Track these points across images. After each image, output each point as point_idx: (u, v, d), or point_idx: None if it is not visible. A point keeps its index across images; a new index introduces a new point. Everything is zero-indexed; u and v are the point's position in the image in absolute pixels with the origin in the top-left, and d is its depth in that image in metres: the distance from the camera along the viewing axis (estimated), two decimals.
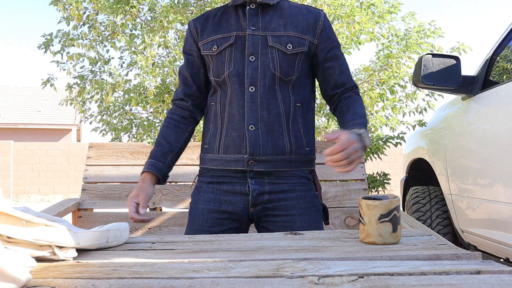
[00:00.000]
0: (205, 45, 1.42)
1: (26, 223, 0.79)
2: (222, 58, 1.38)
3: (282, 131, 1.36)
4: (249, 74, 1.35)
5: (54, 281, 0.73)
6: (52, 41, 4.50)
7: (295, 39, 1.37)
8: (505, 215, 1.86)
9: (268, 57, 1.35)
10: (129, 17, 4.31)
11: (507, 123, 1.84)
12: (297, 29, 1.39)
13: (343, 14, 4.05)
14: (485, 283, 0.68)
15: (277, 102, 1.36)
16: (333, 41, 1.44)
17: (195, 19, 1.48)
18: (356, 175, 2.06)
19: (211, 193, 1.40)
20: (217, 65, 1.39)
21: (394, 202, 0.99)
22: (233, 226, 1.38)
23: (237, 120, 1.36)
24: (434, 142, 2.67)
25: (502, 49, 2.19)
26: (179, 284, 0.70)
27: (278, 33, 1.37)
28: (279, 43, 1.36)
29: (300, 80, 1.41)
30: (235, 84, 1.36)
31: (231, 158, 1.36)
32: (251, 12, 1.39)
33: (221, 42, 1.39)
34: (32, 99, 18.11)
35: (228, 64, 1.37)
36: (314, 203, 1.41)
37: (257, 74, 1.35)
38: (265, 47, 1.36)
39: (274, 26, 1.38)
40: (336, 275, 0.73)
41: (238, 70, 1.36)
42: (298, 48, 1.37)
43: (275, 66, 1.36)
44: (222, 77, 1.38)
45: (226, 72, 1.37)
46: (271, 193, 1.36)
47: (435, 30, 4.18)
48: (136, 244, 1.03)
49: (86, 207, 2.00)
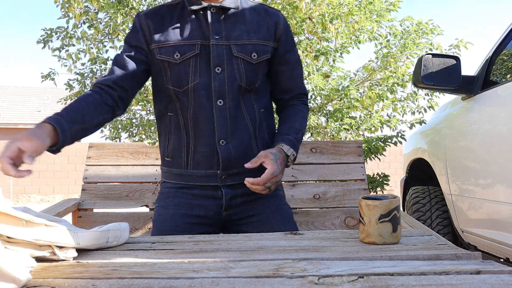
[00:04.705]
0: (162, 49, 1.32)
1: (26, 223, 0.79)
2: (185, 68, 1.31)
3: (250, 140, 1.36)
4: (217, 87, 1.30)
5: (54, 281, 0.73)
6: (51, 36, 4.49)
7: (259, 46, 1.34)
8: (505, 215, 1.86)
9: (234, 68, 1.31)
10: (129, 17, 4.31)
11: (507, 123, 1.84)
12: (260, 35, 1.35)
13: (342, 13, 4.05)
14: (485, 283, 0.68)
15: (243, 112, 1.34)
16: (288, 44, 1.41)
17: (146, 14, 1.36)
18: (356, 175, 2.06)
19: (182, 198, 1.36)
20: (178, 74, 1.31)
21: (394, 202, 0.98)
22: (205, 231, 1.35)
23: (206, 135, 1.31)
24: (434, 142, 2.67)
25: (502, 49, 2.19)
26: (179, 284, 0.70)
27: (242, 42, 1.32)
28: (244, 53, 1.32)
29: (262, 86, 1.40)
30: (201, 97, 1.30)
31: (203, 174, 1.34)
32: (213, 18, 1.32)
33: (184, 50, 1.30)
34: (32, 99, 18.10)
35: (194, 76, 1.30)
36: (283, 201, 1.45)
37: (225, 87, 1.31)
38: (230, 58, 1.31)
39: (237, 34, 1.33)
40: (336, 275, 0.73)
41: (204, 82, 1.30)
42: (262, 56, 1.35)
43: (241, 77, 1.32)
44: (185, 88, 1.31)
45: (191, 84, 1.30)
46: (243, 195, 1.37)
47: (433, 28, 4.18)
48: (136, 244, 1.03)
49: (86, 207, 2.00)
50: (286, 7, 3.97)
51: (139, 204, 2.01)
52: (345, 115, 4.05)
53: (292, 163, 1.36)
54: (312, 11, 3.93)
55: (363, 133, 4.14)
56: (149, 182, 2.05)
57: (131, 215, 1.98)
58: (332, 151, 2.07)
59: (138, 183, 2.05)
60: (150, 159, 2.09)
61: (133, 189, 2.01)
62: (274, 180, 1.26)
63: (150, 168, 2.08)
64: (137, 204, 2.00)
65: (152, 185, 2.04)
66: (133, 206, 1.99)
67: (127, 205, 1.99)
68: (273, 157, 1.27)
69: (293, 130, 1.38)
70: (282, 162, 1.30)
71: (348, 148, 2.10)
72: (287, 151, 1.32)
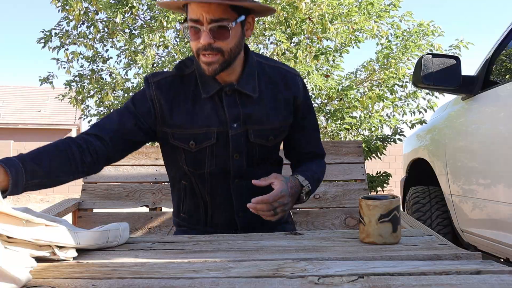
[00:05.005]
0: (176, 135, 1.26)
1: (26, 223, 0.79)
2: (201, 154, 1.27)
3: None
4: (235, 170, 1.29)
5: (54, 281, 0.73)
6: (51, 37, 4.50)
7: (277, 130, 1.31)
8: (505, 215, 1.86)
9: (251, 152, 1.30)
10: (129, 16, 4.31)
11: (507, 123, 1.84)
12: (278, 116, 1.29)
13: (342, 13, 4.05)
14: (485, 283, 0.68)
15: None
16: (306, 111, 1.37)
17: (158, 86, 1.25)
18: (356, 175, 2.06)
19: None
20: (194, 159, 1.28)
21: (394, 202, 0.98)
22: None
23: (223, 208, 1.33)
24: (434, 142, 2.67)
25: (502, 49, 2.19)
26: (179, 284, 0.70)
27: (259, 127, 1.28)
28: (261, 138, 1.29)
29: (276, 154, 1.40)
30: (218, 178, 1.30)
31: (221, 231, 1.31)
32: (229, 102, 1.24)
33: (200, 139, 1.25)
34: (32, 99, 18.10)
35: (210, 162, 1.28)
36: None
37: (243, 168, 1.30)
38: (247, 143, 1.28)
39: (255, 118, 1.27)
40: (336, 275, 0.73)
41: (222, 167, 1.28)
42: (278, 138, 1.34)
43: (258, 157, 1.32)
44: (201, 171, 1.30)
45: (208, 169, 1.29)
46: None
47: (434, 29, 4.18)
48: (136, 244, 1.03)
49: (86, 207, 2.00)
50: (286, 7, 3.98)
51: (139, 204, 2.01)
52: (346, 115, 4.05)
53: (307, 197, 1.29)
54: (312, 11, 3.93)
55: (363, 133, 4.14)
56: (149, 182, 2.04)
57: (131, 215, 1.97)
58: (332, 151, 2.07)
59: (138, 183, 2.05)
60: (150, 159, 2.09)
61: (133, 189, 2.01)
62: (281, 201, 1.17)
63: (150, 168, 2.08)
64: (137, 204, 2.00)
65: (152, 185, 2.04)
66: (133, 206, 1.99)
67: (127, 205, 1.99)
68: (283, 179, 1.21)
69: (310, 171, 1.34)
70: (293, 187, 1.23)
71: (348, 148, 2.10)
72: (302, 181, 1.27)
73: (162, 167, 1.95)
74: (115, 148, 1.21)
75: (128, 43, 4.29)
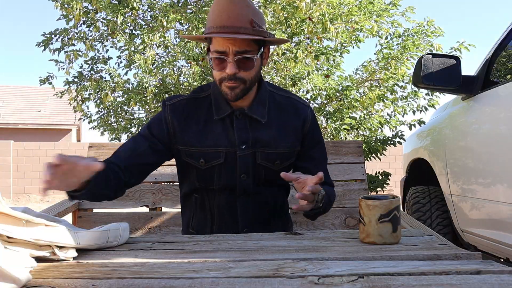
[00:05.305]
0: (188, 153, 1.34)
1: (26, 223, 0.79)
2: (210, 172, 1.35)
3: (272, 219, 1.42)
4: (241, 188, 1.36)
5: (54, 281, 0.73)
6: (51, 39, 4.50)
7: (284, 155, 1.36)
8: (505, 215, 1.86)
9: (257, 173, 1.36)
10: (129, 16, 4.31)
11: (507, 123, 1.84)
12: (286, 141, 1.36)
13: (342, 13, 4.05)
14: (485, 283, 0.68)
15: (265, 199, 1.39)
16: (314, 141, 1.42)
17: (173, 109, 1.35)
18: (356, 175, 2.06)
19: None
20: (204, 176, 1.36)
21: (394, 202, 0.98)
22: None
23: (229, 222, 1.38)
24: (434, 142, 2.67)
25: (502, 49, 2.19)
26: (179, 284, 0.70)
27: (267, 150, 1.34)
28: (267, 161, 1.35)
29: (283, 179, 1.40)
30: (225, 194, 1.36)
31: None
32: (239, 125, 1.32)
33: (209, 158, 1.33)
34: (32, 99, 18.10)
35: (218, 179, 1.35)
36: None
37: (249, 187, 1.36)
38: (254, 164, 1.35)
39: (263, 142, 1.33)
40: (336, 275, 0.73)
41: (229, 184, 1.35)
42: (285, 163, 1.38)
43: (264, 178, 1.37)
44: (210, 187, 1.37)
45: (216, 186, 1.36)
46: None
47: (435, 30, 4.18)
48: (136, 244, 1.03)
49: (86, 207, 2.00)
50: (286, 7, 3.98)
51: (139, 204, 2.01)
52: (346, 115, 4.05)
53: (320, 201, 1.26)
54: (313, 11, 3.93)
55: (363, 133, 4.14)
56: (149, 182, 2.04)
57: (131, 215, 1.97)
58: (332, 151, 2.07)
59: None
60: None
61: (133, 189, 2.01)
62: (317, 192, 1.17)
63: None
64: (137, 204, 2.00)
65: (152, 185, 2.04)
66: (133, 206, 1.99)
67: (127, 205, 1.99)
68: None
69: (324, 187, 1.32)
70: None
71: (348, 148, 2.10)
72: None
73: (162, 167, 1.95)
74: (131, 175, 1.31)
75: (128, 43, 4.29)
